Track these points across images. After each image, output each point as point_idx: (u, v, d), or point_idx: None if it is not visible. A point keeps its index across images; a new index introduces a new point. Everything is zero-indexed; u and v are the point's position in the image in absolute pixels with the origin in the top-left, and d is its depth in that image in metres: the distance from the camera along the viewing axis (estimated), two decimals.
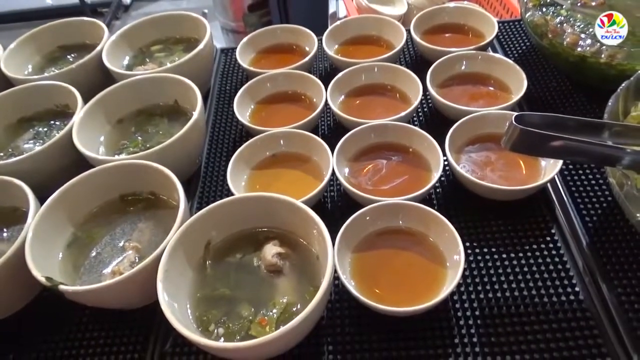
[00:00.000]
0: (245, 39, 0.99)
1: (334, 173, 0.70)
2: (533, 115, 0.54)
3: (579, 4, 0.81)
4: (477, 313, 0.59)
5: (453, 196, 0.72)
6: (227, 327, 0.56)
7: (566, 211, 0.68)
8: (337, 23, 1.00)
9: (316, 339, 0.59)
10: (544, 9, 0.84)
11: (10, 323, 0.64)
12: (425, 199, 0.70)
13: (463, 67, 0.87)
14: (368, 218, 0.63)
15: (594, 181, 0.71)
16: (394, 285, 0.60)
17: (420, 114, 0.87)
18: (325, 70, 1.00)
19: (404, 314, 0.56)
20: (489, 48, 0.93)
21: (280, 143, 0.78)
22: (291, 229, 0.63)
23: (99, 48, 0.90)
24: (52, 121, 0.84)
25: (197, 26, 0.96)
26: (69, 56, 0.99)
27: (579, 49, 0.77)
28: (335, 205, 0.74)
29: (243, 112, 0.85)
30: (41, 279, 0.56)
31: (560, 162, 0.66)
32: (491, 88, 0.85)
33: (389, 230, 0.64)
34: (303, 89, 0.89)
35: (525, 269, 0.62)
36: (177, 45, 0.98)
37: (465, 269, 0.62)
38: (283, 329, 0.48)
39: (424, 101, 0.87)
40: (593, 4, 0.81)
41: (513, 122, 0.50)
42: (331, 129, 0.86)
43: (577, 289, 0.59)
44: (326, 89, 0.83)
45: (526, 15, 0.87)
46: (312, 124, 0.82)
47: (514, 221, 0.67)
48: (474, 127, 0.74)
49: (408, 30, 0.95)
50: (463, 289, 0.61)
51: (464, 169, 0.70)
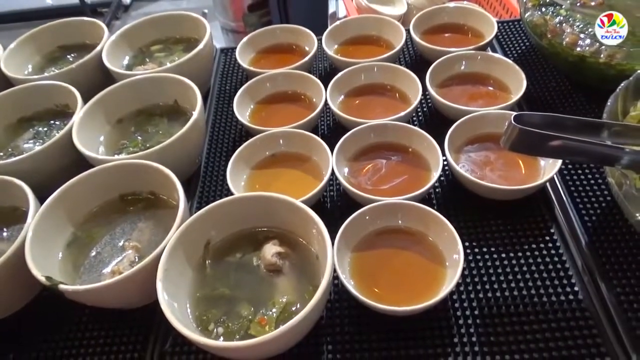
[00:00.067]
0: (245, 39, 0.99)
1: (333, 173, 0.70)
2: (532, 115, 0.54)
3: (578, 4, 0.81)
4: (477, 312, 0.59)
5: (452, 196, 0.72)
6: (227, 327, 0.56)
7: (565, 211, 0.68)
8: (337, 23, 1.00)
9: (316, 339, 0.59)
10: (543, 9, 0.84)
11: (10, 322, 0.64)
12: (424, 199, 0.70)
13: (462, 67, 0.87)
14: (367, 217, 0.63)
15: (593, 181, 0.71)
16: (393, 284, 0.60)
17: (420, 113, 0.87)
18: (325, 70, 1.00)
19: (403, 314, 0.56)
20: (489, 48, 0.94)
21: (279, 143, 0.78)
22: (291, 229, 0.63)
23: (98, 48, 0.90)
24: (52, 121, 0.84)
25: (197, 26, 0.96)
26: (68, 56, 0.99)
27: (578, 49, 0.77)
28: (334, 205, 0.74)
29: (243, 112, 0.85)
30: (41, 279, 0.56)
31: (560, 162, 0.66)
32: (490, 88, 0.85)
33: (389, 230, 0.64)
34: (303, 89, 0.89)
35: (525, 269, 0.62)
36: (177, 45, 0.99)
37: (464, 269, 0.62)
38: (282, 328, 0.48)
39: (423, 101, 0.87)
40: (592, 3, 0.81)
41: (512, 122, 0.50)
42: (331, 129, 0.87)
43: (576, 289, 0.60)
44: (326, 89, 0.83)
45: (525, 15, 0.87)
46: (312, 123, 0.82)
47: (513, 221, 0.67)
48: (474, 127, 0.74)
49: (408, 30, 0.95)
50: (462, 288, 0.61)
51: (464, 168, 0.70)
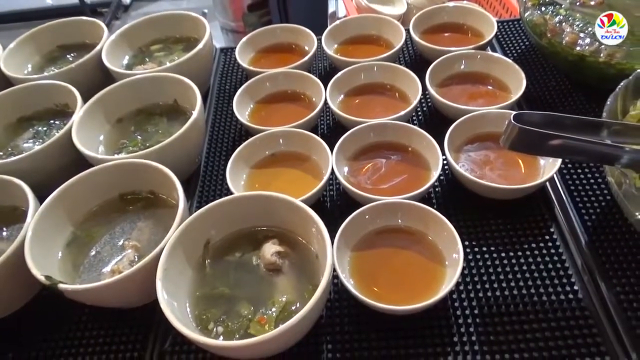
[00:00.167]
0: (244, 39, 0.99)
1: (333, 172, 0.70)
2: (532, 114, 0.54)
3: (577, 3, 0.81)
4: (476, 312, 0.59)
5: (452, 195, 0.72)
6: (227, 326, 0.56)
7: (565, 210, 0.68)
8: (337, 22, 1.00)
9: (315, 338, 0.59)
10: (543, 9, 0.84)
11: (9, 322, 0.64)
12: (424, 198, 0.70)
13: (462, 67, 0.87)
14: (367, 217, 0.63)
15: (592, 180, 0.71)
16: (393, 283, 0.60)
17: (420, 113, 0.87)
18: (325, 69, 1.00)
19: (403, 313, 0.57)
20: (488, 47, 0.94)
21: (279, 142, 0.78)
22: (290, 228, 0.63)
23: (98, 47, 0.90)
24: (52, 120, 0.84)
25: (197, 26, 0.96)
26: (68, 56, 0.99)
27: (577, 48, 0.77)
28: (334, 204, 0.74)
29: (242, 112, 0.85)
30: (41, 278, 0.56)
31: (559, 161, 0.66)
32: (490, 87, 0.85)
33: (388, 229, 0.64)
34: (302, 88, 0.89)
35: (524, 268, 0.62)
36: (177, 45, 0.98)
37: (464, 268, 0.62)
38: (282, 327, 0.48)
39: (423, 100, 0.87)
40: (592, 3, 0.81)
41: (512, 121, 0.50)
42: (330, 128, 0.86)
43: (576, 288, 0.60)
44: (325, 88, 0.83)
45: (525, 15, 0.87)
46: (312, 123, 0.82)
47: (512, 220, 0.67)
48: (473, 126, 0.74)
49: (407, 30, 0.95)
50: (462, 287, 0.61)
51: (463, 168, 0.70)
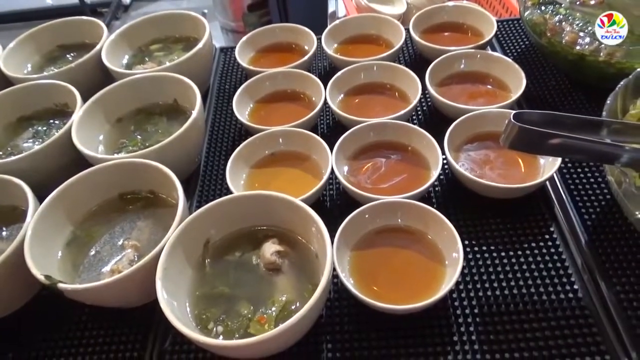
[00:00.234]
0: (244, 38, 0.99)
1: (333, 171, 0.70)
2: (532, 113, 0.54)
3: (577, 3, 0.81)
4: (476, 311, 0.59)
5: (452, 194, 0.72)
6: (226, 325, 0.56)
7: (565, 209, 0.68)
8: (337, 22, 1.00)
9: (315, 337, 0.59)
10: (542, 8, 0.83)
11: (9, 322, 0.64)
12: (424, 197, 0.70)
13: (462, 66, 0.87)
14: (367, 216, 0.63)
15: (592, 179, 0.71)
16: (392, 283, 0.60)
17: (419, 112, 0.87)
18: (325, 69, 1.00)
19: (402, 312, 0.56)
20: (488, 47, 0.94)
21: (279, 142, 0.78)
22: (290, 227, 0.63)
23: (98, 47, 0.90)
24: (52, 120, 0.84)
25: (197, 25, 0.96)
26: (68, 55, 0.99)
27: (577, 48, 0.77)
28: (334, 204, 0.74)
29: (242, 111, 0.85)
30: (40, 278, 0.56)
31: (559, 160, 0.66)
32: (490, 87, 0.85)
33: (388, 229, 0.64)
34: (302, 88, 0.89)
35: (524, 267, 0.62)
36: (177, 45, 0.99)
37: (464, 267, 0.62)
38: (282, 326, 0.48)
39: (423, 100, 0.87)
40: (592, 2, 0.81)
41: (512, 120, 0.50)
42: (330, 128, 0.86)
43: (576, 287, 0.59)
44: (325, 88, 0.83)
45: (525, 14, 0.87)
46: (311, 122, 0.82)
47: (512, 219, 0.67)
48: (473, 126, 0.74)
49: (407, 29, 0.95)
50: (462, 286, 0.61)
51: (463, 167, 0.70)
